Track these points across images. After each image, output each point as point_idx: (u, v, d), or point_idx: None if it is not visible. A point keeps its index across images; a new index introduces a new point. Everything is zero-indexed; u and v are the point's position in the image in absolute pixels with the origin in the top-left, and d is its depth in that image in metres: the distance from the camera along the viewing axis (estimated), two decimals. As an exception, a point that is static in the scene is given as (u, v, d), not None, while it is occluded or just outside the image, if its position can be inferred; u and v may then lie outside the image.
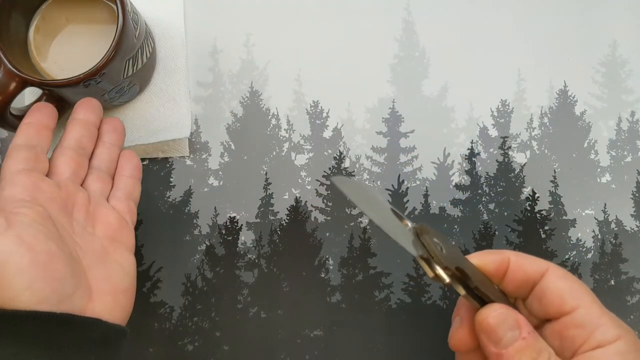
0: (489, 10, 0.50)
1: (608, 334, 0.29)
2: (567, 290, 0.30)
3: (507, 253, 0.32)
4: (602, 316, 0.30)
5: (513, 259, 0.32)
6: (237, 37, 0.50)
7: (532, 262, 0.32)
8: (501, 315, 0.30)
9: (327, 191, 0.49)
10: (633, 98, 0.50)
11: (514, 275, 0.32)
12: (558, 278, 0.31)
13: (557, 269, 0.32)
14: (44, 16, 0.43)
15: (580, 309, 0.30)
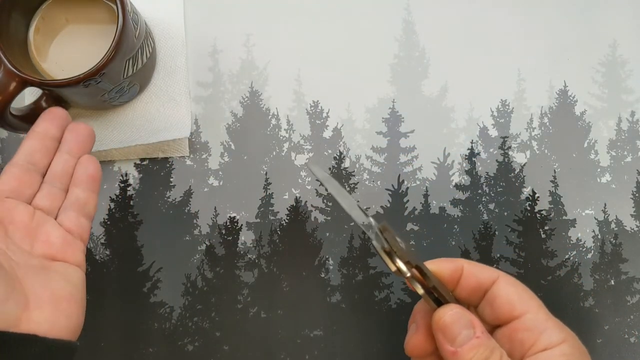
0: (489, 10, 0.50)
1: (554, 337, 0.31)
2: (516, 296, 0.32)
3: (460, 261, 0.34)
4: (548, 321, 0.32)
5: (466, 267, 0.34)
6: (237, 37, 0.50)
7: (484, 270, 0.34)
8: (456, 314, 0.32)
9: (327, 191, 0.49)
10: (633, 98, 0.50)
11: (467, 281, 0.34)
12: (508, 285, 0.33)
13: (507, 277, 0.33)
14: (44, 16, 0.43)
15: (528, 313, 0.32)
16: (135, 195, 0.48)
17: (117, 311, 0.47)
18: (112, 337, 0.47)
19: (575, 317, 0.48)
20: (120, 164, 0.48)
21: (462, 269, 0.34)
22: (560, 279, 0.48)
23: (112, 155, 0.48)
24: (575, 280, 0.48)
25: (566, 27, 0.50)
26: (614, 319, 0.47)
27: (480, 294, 0.34)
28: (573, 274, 0.48)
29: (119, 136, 0.46)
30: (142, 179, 0.48)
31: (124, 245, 0.48)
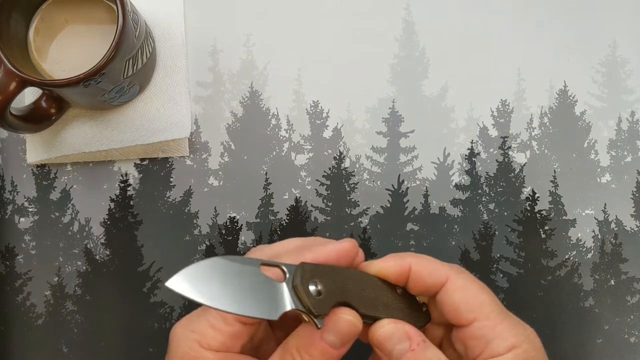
0: (489, 10, 0.50)
1: (500, 347, 0.30)
2: (463, 303, 0.31)
3: (408, 259, 0.33)
4: (496, 327, 0.31)
5: (414, 269, 0.32)
6: (237, 37, 0.50)
7: (432, 271, 0.32)
8: (388, 330, 0.31)
9: (327, 191, 0.49)
10: (633, 98, 0.50)
11: (415, 284, 0.33)
12: (454, 291, 0.32)
13: (456, 280, 0.32)
14: (43, 17, 0.43)
15: (475, 322, 0.31)
16: (135, 195, 0.48)
17: (117, 311, 0.47)
18: (112, 337, 0.47)
19: (575, 317, 0.48)
20: (120, 164, 0.48)
21: (410, 270, 0.33)
22: (560, 279, 0.48)
23: (112, 155, 0.48)
24: (575, 280, 0.48)
25: (566, 27, 0.50)
26: (614, 319, 0.47)
27: (431, 295, 0.33)
28: (573, 274, 0.48)
29: (119, 136, 0.46)
30: (142, 179, 0.48)
31: (124, 245, 0.48)
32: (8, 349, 0.47)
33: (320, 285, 0.29)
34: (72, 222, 0.48)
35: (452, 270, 0.32)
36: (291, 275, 0.30)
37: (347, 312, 0.30)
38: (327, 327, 0.30)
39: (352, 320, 0.30)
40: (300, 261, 0.30)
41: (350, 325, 0.30)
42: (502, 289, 0.48)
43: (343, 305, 0.30)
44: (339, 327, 0.30)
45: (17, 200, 0.48)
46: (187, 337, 0.31)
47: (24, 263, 0.47)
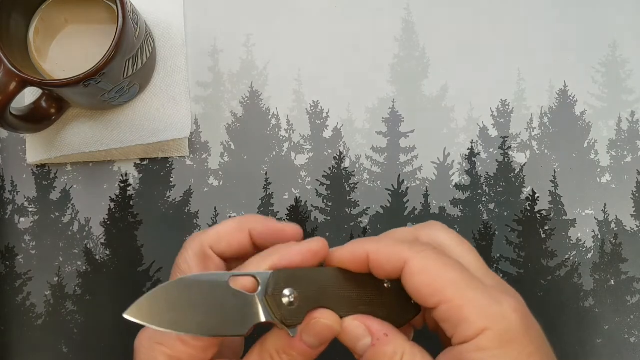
0: (489, 10, 0.50)
1: (470, 330, 0.28)
2: (424, 287, 0.29)
3: (365, 246, 0.30)
4: (463, 309, 0.28)
5: (371, 257, 0.30)
6: (237, 37, 0.50)
7: (389, 257, 0.30)
8: (348, 327, 0.30)
9: (327, 191, 0.49)
10: (633, 98, 0.50)
11: (376, 272, 0.30)
12: (413, 275, 0.29)
13: (414, 262, 0.29)
14: (43, 18, 0.43)
15: (441, 305, 0.28)
16: (135, 195, 0.48)
17: (118, 311, 0.47)
18: (112, 337, 0.47)
19: (575, 317, 0.48)
20: (120, 164, 0.48)
21: (367, 258, 0.30)
22: (560, 279, 0.48)
23: (112, 155, 0.48)
24: (575, 280, 0.48)
25: (566, 27, 0.50)
26: (614, 319, 0.47)
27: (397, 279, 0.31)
28: (573, 274, 0.48)
29: (119, 136, 0.46)
30: (142, 179, 0.48)
31: (124, 245, 0.48)
32: (8, 349, 0.47)
33: (294, 294, 0.29)
34: (72, 222, 0.48)
35: (411, 250, 0.29)
36: (264, 284, 0.29)
37: (324, 315, 0.29)
38: (305, 330, 0.29)
39: (327, 324, 0.29)
40: (270, 268, 0.29)
41: (326, 328, 0.29)
42: (502, 289, 0.48)
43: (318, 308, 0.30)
44: (316, 331, 0.29)
45: (17, 200, 0.48)
46: (154, 349, 0.30)
47: (24, 263, 0.47)
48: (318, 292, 0.30)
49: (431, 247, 0.30)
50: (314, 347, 0.30)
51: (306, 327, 0.29)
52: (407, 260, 0.29)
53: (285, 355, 0.30)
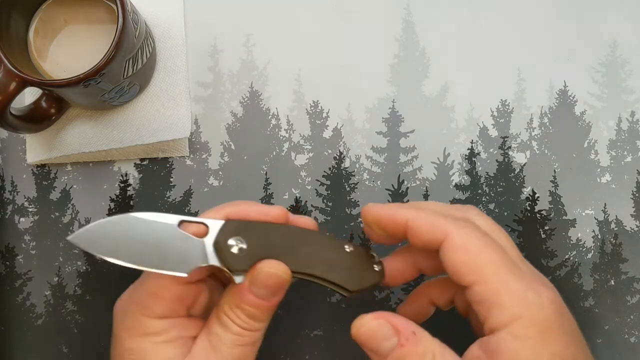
0: (489, 10, 0.50)
1: (504, 315, 0.26)
2: (462, 264, 0.27)
3: (406, 212, 0.29)
4: (500, 292, 0.26)
5: (410, 224, 0.29)
6: (237, 37, 0.50)
7: (430, 227, 0.28)
8: (372, 328, 0.29)
9: (327, 191, 0.49)
10: (633, 98, 0.50)
11: (413, 240, 0.30)
12: (453, 250, 0.28)
13: (455, 237, 0.28)
14: (43, 18, 0.43)
15: (475, 285, 0.27)
16: (135, 195, 0.48)
17: (117, 311, 0.47)
18: (112, 337, 0.47)
19: (575, 317, 0.47)
20: (120, 164, 0.48)
21: (406, 225, 0.29)
22: (560, 279, 0.48)
23: (112, 155, 0.48)
24: (575, 280, 0.48)
25: (566, 27, 0.50)
26: (614, 319, 0.47)
27: (434, 253, 0.29)
28: (573, 274, 0.48)
29: (119, 136, 0.46)
30: (142, 179, 0.48)
31: (124, 245, 0.47)
32: (8, 349, 0.47)
33: (244, 242, 0.29)
34: (72, 222, 0.48)
35: (454, 225, 0.28)
36: (214, 231, 0.29)
37: (268, 264, 0.29)
38: (251, 280, 0.29)
39: (272, 272, 0.29)
40: (224, 218, 0.29)
41: (271, 276, 0.29)
42: (502, 289, 0.48)
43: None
44: (260, 279, 0.29)
45: (17, 200, 0.48)
46: (129, 310, 0.31)
47: (24, 263, 0.47)
48: (269, 245, 0.30)
49: (474, 225, 0.29)
50: (264, 298, 0.29)
51: (252, 275, 0.29)
52: (449, 234, 0.28)
53: (238, 309, 0.29)
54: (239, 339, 0.29)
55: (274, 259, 0.30)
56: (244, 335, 0.29)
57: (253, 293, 0.29)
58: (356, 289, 0.32)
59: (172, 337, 0.29)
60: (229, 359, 0.29)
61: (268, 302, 0.30)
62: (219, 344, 0.29)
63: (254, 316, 0.29)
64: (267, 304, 0.30)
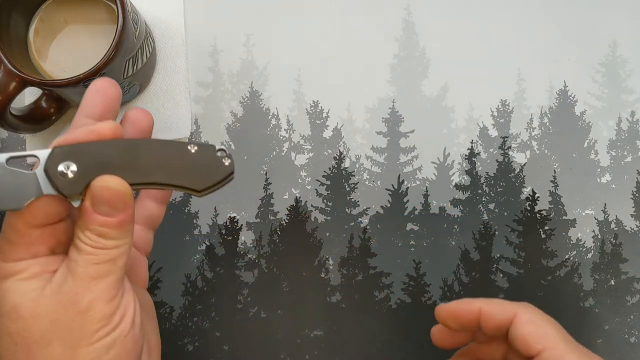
0: (489, 11, 0.50)
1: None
2: (531, 335, 0.33)
3: (477, 303, 0.35)
4: (565, 357, 0.32)
5: (484, 309, 0.34)
6: (237, 37, 0.50)
7: (501, 310, 0.34)
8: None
9: (327, 191, 0.49)
10: (633, 98, 0.50)
11: (487, 325, 0.34)
12: (524, 323, 0.33)
13: (524, 314, 0.34)
14: (43, 18, 0.43)
15: (544, 351, 0.32)
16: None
17: (117, 311, 0.47)
18: (112, 337, 0.47)
19: (575, 317, 0.48)
20: (120, 164, 0.48)
21: (480, 312, 0.34)
22: (560, 279, 0.48)
23: (112, 155, 0.48)
24: (575, 280, 0.48)
25: (566, 27, 0.50)
26: (614, 319, 0.47)
27: (503, 333, 0.34)
28: (573, 274, 0.48)
29: (119, 136, 0.46)
30: (142, 179, 0.48)
31: (124, 245, 0.47)
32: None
33: (74, 165, 0.29)
34: (72, 222, 0.48)
35: (521, 306, 0.34)
36: (44, 161, 0.29)
37: (99, 179, 0.29)
38: (90, 199, 0.29)
39: (105, 185, 0.29)
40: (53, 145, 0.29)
41: (105, 190, 0.29)
42: (502, 289, 0.48)
43: None
44: (96, 196, 0.29)
45: (17, 200, 0.48)
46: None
47: (24, 263, 0.47)
48: (101, 163, 0.29)
49: (534, 307, 0.35)
50: (108, 215, 0.29)
51: (88, 195, 0.29)
52: (517, 312, 0.34)
53: (87, 231, 0.29)
54: (93, 257, 0.29)
55: (107, 175, 0.29)
56: (97, 254, 0.29)
57: (96, 212, 0.29)
58: (205, 187, 0.32)
59: (33, 273, 0.30)
60: (85, 277, 0.29)
61: (114, 218, 0.29)
62: (75, 267, 0.29)
63: (104, 234, 0.29)
64: (114, 220, 0.29)
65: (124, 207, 0.29)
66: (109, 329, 0.29)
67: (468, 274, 0.48)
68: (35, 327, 0.29)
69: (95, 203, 0.29)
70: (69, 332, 0.29)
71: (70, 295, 0.29)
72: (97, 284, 0.29)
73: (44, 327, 0.29)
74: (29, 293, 0.29)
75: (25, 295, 0.29)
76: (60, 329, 0.29)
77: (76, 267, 0.29)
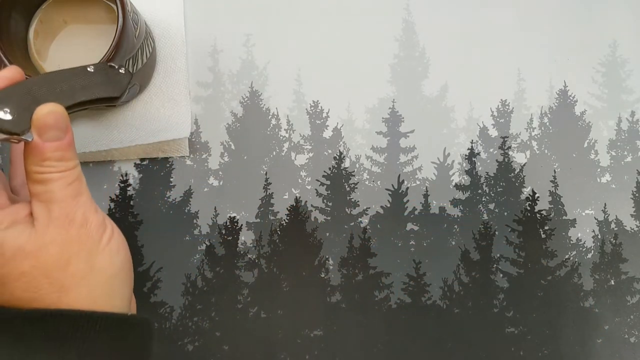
0: (489, 11, 0.50)
1: None
2: None
3: None
4: None
5: None
6: (237, 37, 0.50)
7: None
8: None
9: (327, 191, 0.49)
10: (633, 98, 0.50)
11: None
12: None
13: None
14: (42, 19, 0.43)
15: None
16: (135, 195, 0.48)
17: (117, 311, 0.47)
18: (112, 337, 0.47)
19: (575, 317, 0.48)
20: (120, 164, 0.48)
21: None
22: (560, 279, 0.48)
23: (112, 155, 0.48)
24: (575, 280, 0.48)
25: (566, 27, 0.50)
26: (614, 319, 0.47)
27: None
28: (573, 274, 0.48)
29: (119, 136, 0.46)
30: (142, 179, 0.48)
31: (124, 245, 0.48)
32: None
33: (8, 108, 0.30)
34: (72, 222, 0.48)
35: None
36: None
37: (42, 107, 0.31)
38: (37, 131, 0.31)
39: (49, 110, 0.31)
40: None
41: (51, 114, 0.31)
42: (502, 289, 0.48)
43: None
44: (45, 123, 0.31)
45: (17, 200, 0.48)
46: None
47: (24, 263, 0.47)
48: (32, 99, 0.32)
49: None
50: (57, 139, 0.31)
51: (35, 127, 0.31)
52: None
53: (47, 161, 0.31)
54: (64, 180, 0.32)
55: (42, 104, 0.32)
56: (66, 176, 0.32)
57: (47, 140, 0.31)
58: (122, 92, 0.38)
59: (11, 221, 0.31)
60: (67, 198, 0.31)
61: (63, 140, 0.32)
62: (51, 196, 0.31)
63: (62, 157, 0.32)
64: (66, 141, 0.32)
65: (67, 127, 0.32)
66: (109, 233, 0.32)
67: (468, 274, 0.48)
68: (46, 255, 0.30)
69: (45, 131, 0.31)
70: (80, 246, 0.31)
71: (62, 217, 0.31)
72: (79, 199, 0.31)
73: (56, 252, 0.30)
74: (22, 234, 0.31)
75: (20, 237, 0.30)
76: (71, 246, 0.31)
77: (52, 195, 0.31)
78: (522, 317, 0.47)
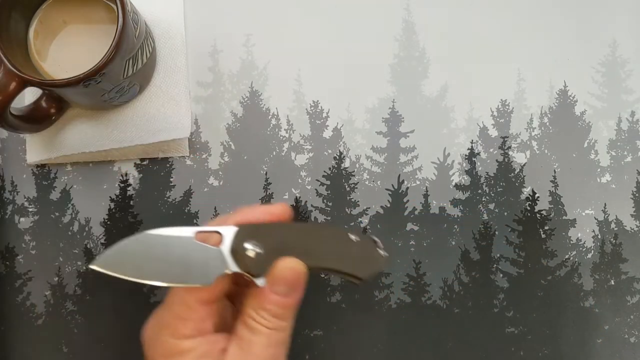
0: (489, 10, 0.50)
1: None
2: None
3: None
4: None
5: None
6: (237, 37, 0.50)
7: None
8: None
9: (327, 191, 0.49)
10: (633, 98, 0.50)
11: None
12: None
13: None
14: (42, 20, 0.43)
15: None
16: (135, 195, 0.48)
17: (117, 311, 0.47)
18: (112, 337, 0.47)
19: (575, 317, 0.48)
20: (120, 164, 0.48)
21: None
22: (560, 279, 0.48)
23: (112, 155, 0.48)
24: (575, 280, 0.48)
25: (566, 27, 0.50)
26: (614, 319, 0.47)
27: None
28: (573, 274, 0.48)
29: (119, 136, 0.46)
30: (142, 179, 0.48)
31: (124, 245, 0.47)
32: (8, 349, 0.47)
33: (259, 246, 0.30)
34: (72, 222, 0.48)
35: None
36: (229, 238, 0.30)
37: (286, 261, 0.30)
38: (271, 280, 0.30)
39: (289, 266, 0.30)
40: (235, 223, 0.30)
41: (289, 271, 0.30)
42: (502, 289, 0.48)
43: None
44: (281, 277, 0.30)
45: (17, 200, 0.48)
46: (160, 334, 0.32)
47: (24, 263, 0.47)
48: (282, 245, 0.31)
49: None
50: (285, 295, 0.30)
51: (271, 275, 0.30)
52: None
53: (262, 311, 0.30)
54: (268, 339, 0.31)
55: (289, 257, 0.31)
56: (271, 337, 0.31)
57: (275, 292, 0.30)
58: (367, 276, 0.33)
59: (203, 353, 0.30)
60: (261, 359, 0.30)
61: (290, 298, 0.31)
62: (250, 348, 0.30)
63: (278, 315, 0.31)
64: (290, 301, 0.31)
65: (299, 288, 0.31)
66: None
67: (468, 274, 0.48)
68: None
69: (276, 283, 0.30)
70: None
71: None
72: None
73: None
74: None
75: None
76: None
77: (251, 347, 0.30)
78: (522, 317, 0.47)
